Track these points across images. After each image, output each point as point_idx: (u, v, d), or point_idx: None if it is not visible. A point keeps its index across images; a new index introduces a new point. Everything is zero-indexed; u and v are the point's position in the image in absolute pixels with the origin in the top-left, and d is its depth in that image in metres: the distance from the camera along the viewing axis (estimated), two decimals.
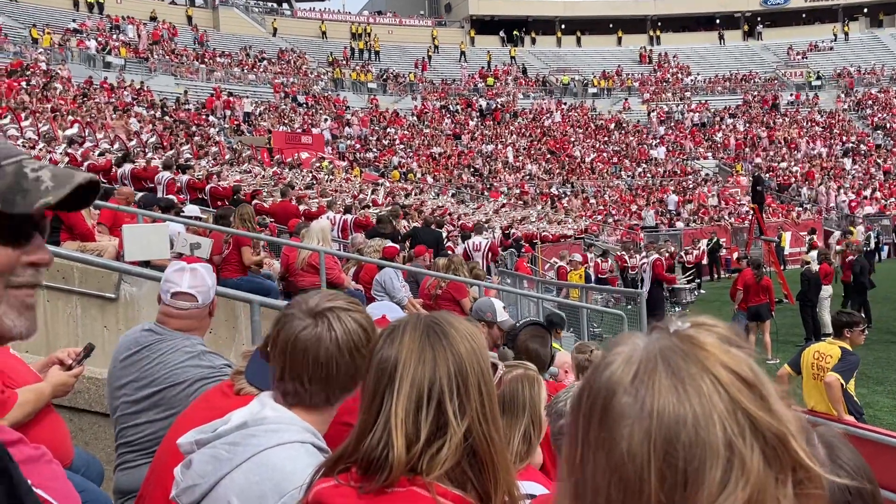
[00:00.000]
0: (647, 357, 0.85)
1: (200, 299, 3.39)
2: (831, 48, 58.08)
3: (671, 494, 0.79)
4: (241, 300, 5.57)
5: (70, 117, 22.10)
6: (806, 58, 56.89)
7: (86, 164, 14.60)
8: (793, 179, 40.88)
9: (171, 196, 13.57)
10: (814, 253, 17.96)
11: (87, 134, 20.40)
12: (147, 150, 21.23)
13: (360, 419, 1.51)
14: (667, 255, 22.42)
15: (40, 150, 15.84)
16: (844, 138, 45.93)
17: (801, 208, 36.58)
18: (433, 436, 1.44)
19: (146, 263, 7.06)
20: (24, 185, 1.08)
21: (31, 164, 1.13)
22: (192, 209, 11.32)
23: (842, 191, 38.50)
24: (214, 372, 3.25)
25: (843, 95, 51.62)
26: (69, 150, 15.79)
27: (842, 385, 7.02)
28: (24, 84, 25.62)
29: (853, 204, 36.57)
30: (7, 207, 1.07)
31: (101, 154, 16.22)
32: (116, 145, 20.70)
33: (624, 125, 48.77)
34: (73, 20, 42.65)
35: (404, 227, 16.28)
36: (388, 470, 1.42)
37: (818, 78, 53.56)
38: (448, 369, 1.48)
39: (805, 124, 48.33)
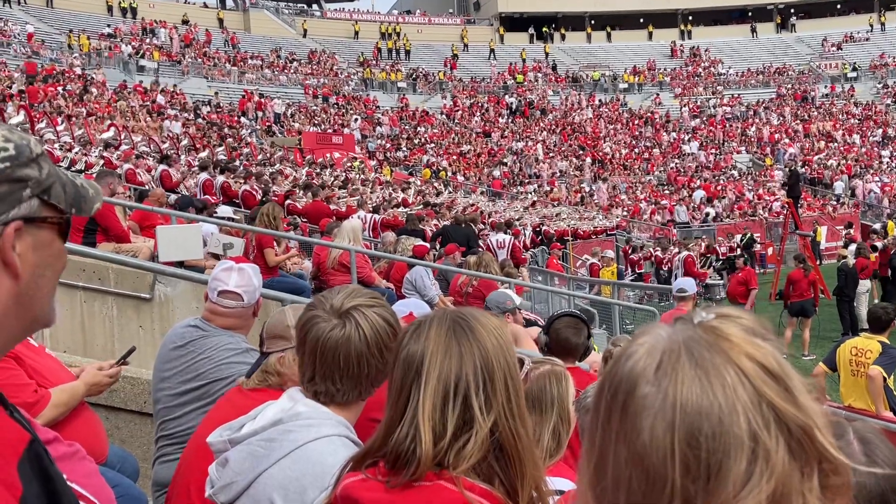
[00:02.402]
0: (671, 348, 0.84)
1: (246, 299, 3.45)
2: (867, 39, 57.05)
3: (694, 486, 0.79)
4: (272, 299, 5.62)
5: (107, 122, 22.44)
6: (841, 49, 55.94)
7: (124, 166, 14.86)
8: (826, 172, 40.20)
9: (207, 197, 13.74)
10: (852, 247, 17.70)
11: (122, 137, 20.70)
12: (181, 153, 21.50)
13: (387, 414, 1.52)
14: (698, 250, 22.26)
15: (76, 153, 16.09)
16: (881, 130, 45.12)
17: (836, 202, 35.98)
18: (459, 430, 1.45)
19: (180, 264, 7.15)
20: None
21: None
22: (224, 210, 11.43)
23: (876, 183, 37.78)
24: None
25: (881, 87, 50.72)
26: (105, 154, 16.03)
27: (884, 379, 6.91)
28: (59, 89, 26.05)
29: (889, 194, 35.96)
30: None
31: (138, 157, 16.49)
32: (151, 147, 21.02)
33: (655, 120, 48.34)
34: (108, 25, 43.30)
35: (434, 225, 16.34)
36: (415, 464, 1.43)
37: (854, 69, 52.66)
38: (474, 364, 1.48)
39: (841, 116, 47.57)
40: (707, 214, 33.45)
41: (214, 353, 3.38)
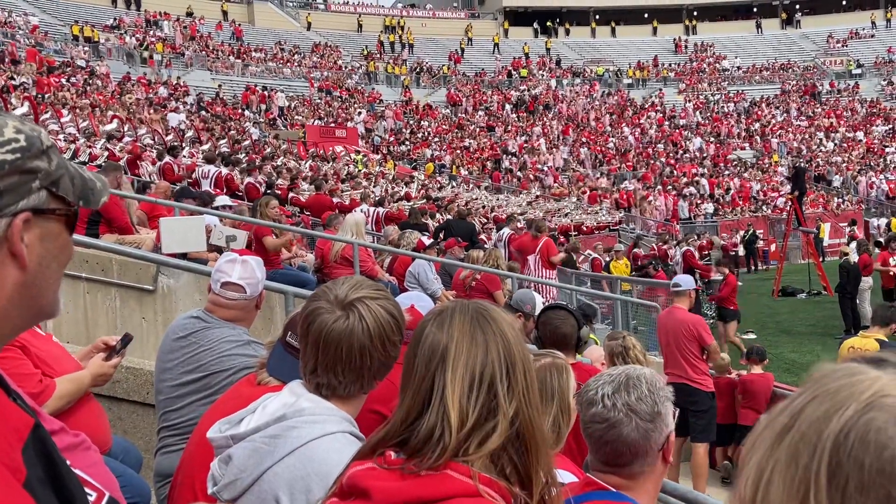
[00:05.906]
0: None
1: (248, 291, 3.46)
2: (872, 35, 56.89)
3: None
4: (276, 291, 5.62)
5: (109, 112, 22.46)
6: (846, 46, 55.79)
7: (126, 157, 14.95)
8: (830, 168, 40.10)
9: (208, 189, 13.75)
10: (854, 244, 17.68)
11: (126, 129, 20.72)
12: (185, 145, 21.50)
13: (406, 403, 1.51)
14: (698, 245, 22.25)
15: (80, 144, 16.12)
16: (887, 127, 45.00)
17: (840, 199, 35.91)
18: (483, 418, 1.46)
19: (183, 256, 7.16)
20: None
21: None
22: (222, 199, 11.41)
23: (882, 178, 37.67)
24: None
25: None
26: (108, 146, 16.07)
27: None
28: (63, 80, 26.08)
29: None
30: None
31: (143, 149, 16.57)
32: (155, 139, 21.03)
33: (659, 116, 48.23)
34: (114, 18, 43.27)
35: (438, 220, 16.34)
36: (439, 451, 1.43)
37: (859, 66, 52.52)
38: (499, 353, 1.50)
39: (846, 113, 47.47)
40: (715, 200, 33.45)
41: (216, 345, 3.38)
